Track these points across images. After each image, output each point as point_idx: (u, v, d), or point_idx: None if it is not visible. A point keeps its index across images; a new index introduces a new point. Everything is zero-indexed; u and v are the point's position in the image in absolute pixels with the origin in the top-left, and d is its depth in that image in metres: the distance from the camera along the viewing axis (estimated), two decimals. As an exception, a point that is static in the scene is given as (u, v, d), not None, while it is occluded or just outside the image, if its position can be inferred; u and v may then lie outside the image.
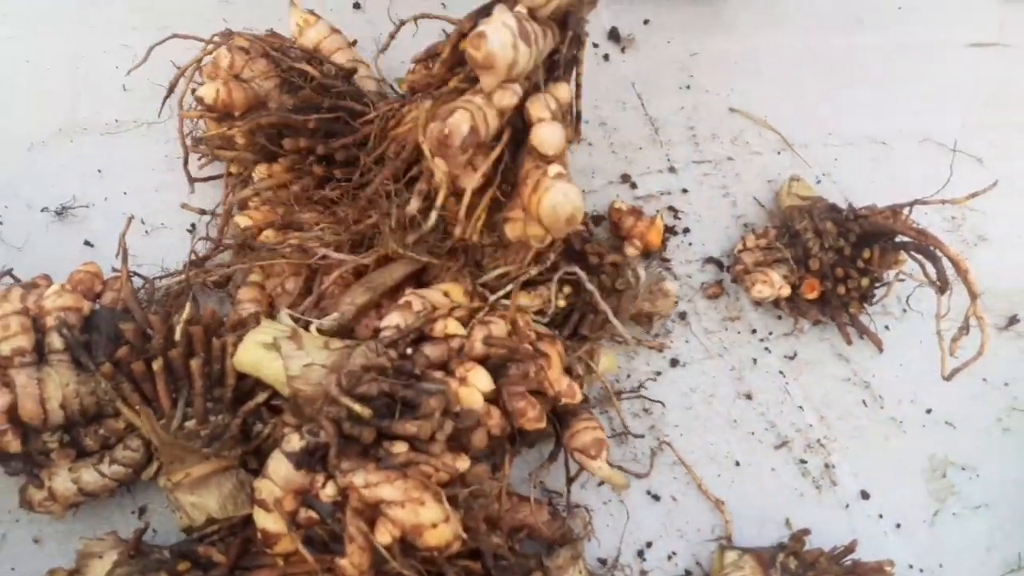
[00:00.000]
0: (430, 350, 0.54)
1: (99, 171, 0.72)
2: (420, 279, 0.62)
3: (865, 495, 0.72)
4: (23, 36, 0.78)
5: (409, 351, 0.54)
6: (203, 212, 0.67)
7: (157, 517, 0.60)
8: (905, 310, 0.79)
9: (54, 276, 0.61)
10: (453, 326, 0.55)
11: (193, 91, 0.65)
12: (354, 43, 0.85)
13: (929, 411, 0.76)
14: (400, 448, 0.50)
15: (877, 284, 0.75)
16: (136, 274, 0.64)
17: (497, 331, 0.56)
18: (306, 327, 0.54)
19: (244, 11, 0.83)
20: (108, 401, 0.53)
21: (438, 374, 0.53)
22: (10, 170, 0.71)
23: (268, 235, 0.62)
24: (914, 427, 0.75)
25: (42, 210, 0.69)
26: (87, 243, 0.68)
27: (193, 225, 0.70)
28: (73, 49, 0.78)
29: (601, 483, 0.67)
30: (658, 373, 0.73)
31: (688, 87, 0.93)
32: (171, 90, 0.68)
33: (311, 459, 0.50)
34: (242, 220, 0.63)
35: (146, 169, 0.73)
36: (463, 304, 0.57)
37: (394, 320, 0.55)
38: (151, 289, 0.62)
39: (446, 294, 0.57)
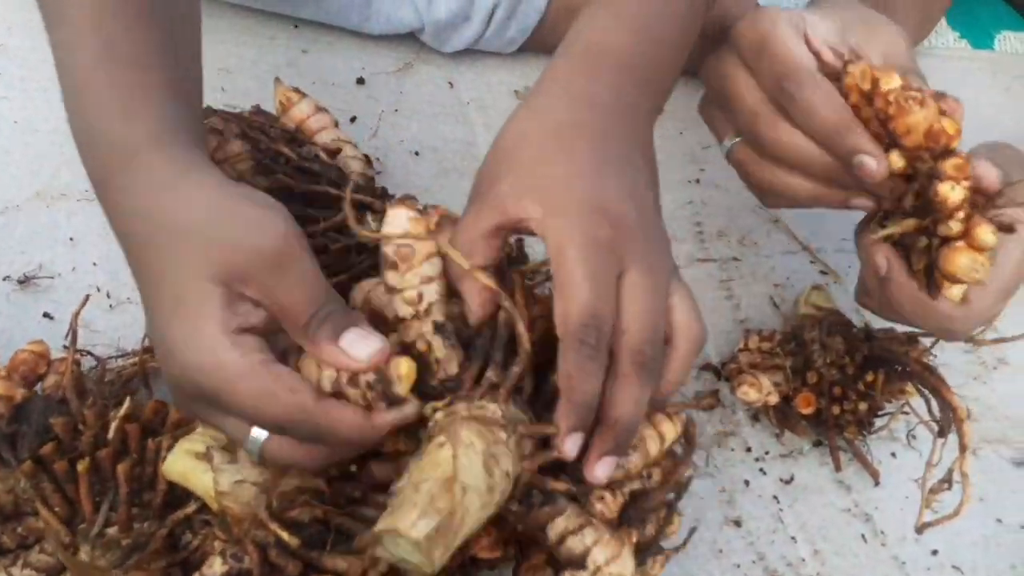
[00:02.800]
0: (377, 468, 0.49)
1: (71, 239, 0.70)
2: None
3: (860, 642, 0.65)
4: (15, 97, 0.77)
5: (354, 469, 0.50)
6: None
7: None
8: (915, 436, 0.73)
9: (9, 349, 0.58)
10: (408, 442, 0.51)
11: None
12: (353, 119, 0.83)
13: (935, 552, 0.69)
14: (328, 584, 0.46)
15: (878, 412, 0.69)
16: (90, 353, 0.61)
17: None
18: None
19: (244, 80, 0.82)
20: (27, 500, 0.49)
21: (382, 499, 0.48)
22: (-20, 234, 0.69)
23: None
24: (918, 569, 0.69)
25: (4, 278, 0.66)
26: (47, 315, 0.65)
27: (161, 302, 0.67)
28: (62, 113, 0.76)
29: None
30: (640, 490, 0.68)
31: (698, 181, 0.90)
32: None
33: (233, 587, 0.46)
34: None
35: (120, 240, 0.71)
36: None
37: (341, 434, 0.51)
38: (102, 372, 0.59)
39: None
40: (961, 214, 0.53)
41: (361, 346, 0.43)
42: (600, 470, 0.45)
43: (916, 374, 0.67)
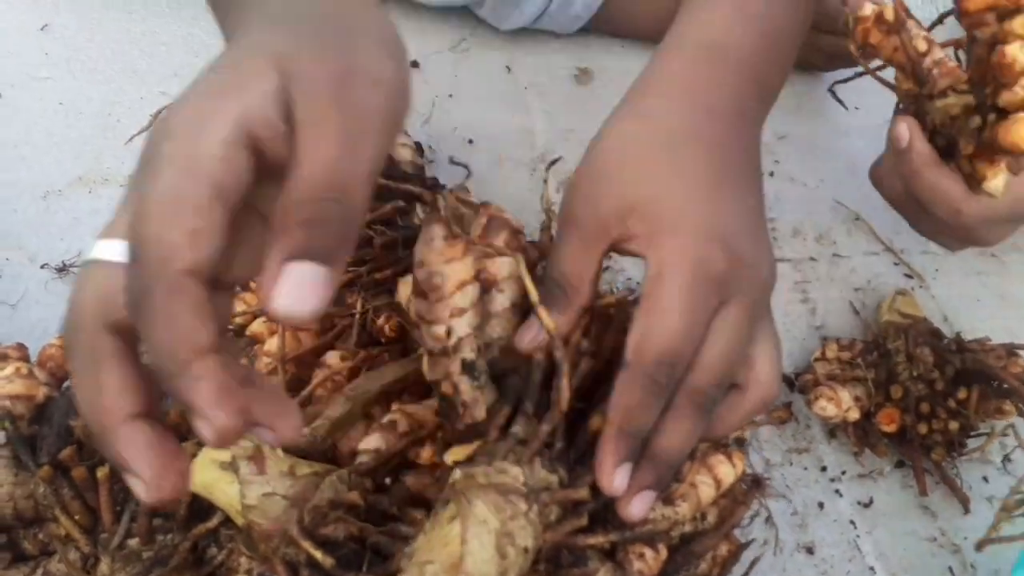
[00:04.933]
0: (413, 481, 0.45)
1: (112, 226, 0.67)
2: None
3: None
4: (60, 78, 0.75)
5: (388, 480, 0.46)
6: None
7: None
8: (1010, 460, 0.67)
9: (46, 341, 0.55)
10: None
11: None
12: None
13: (1032, 590, 0.63)
14: (363, 609, 0.42)
15: (971, 432, 0.63)
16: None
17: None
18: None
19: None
20: (47, 506, 0.46)
21: (418, 514, 0.44)
22: (20, 218, 0.66)
23: (259, 324, 0.55)
24: (1012, 608, 0.62)
25: (42, 266, 0.64)
26: (83, 306, 0.63)
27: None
28: (109, 95, 0.74)
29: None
30: (703, 510, 0.63)
31: (772, 173, 0.83)
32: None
33: (260, 608, 0.43)
34: (239, 305, 0.56)
35: (161, 228, 0.68)
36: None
37: (373, 443, 0.47)
38: (135, 368, 0.56)
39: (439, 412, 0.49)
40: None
41: (294, 292, 0.29)
42: (637, 507, 0.40)
43: (1015, 390, 0.61)
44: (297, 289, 0.29)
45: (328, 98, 0.31)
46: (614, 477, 0.39)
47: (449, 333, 0.41)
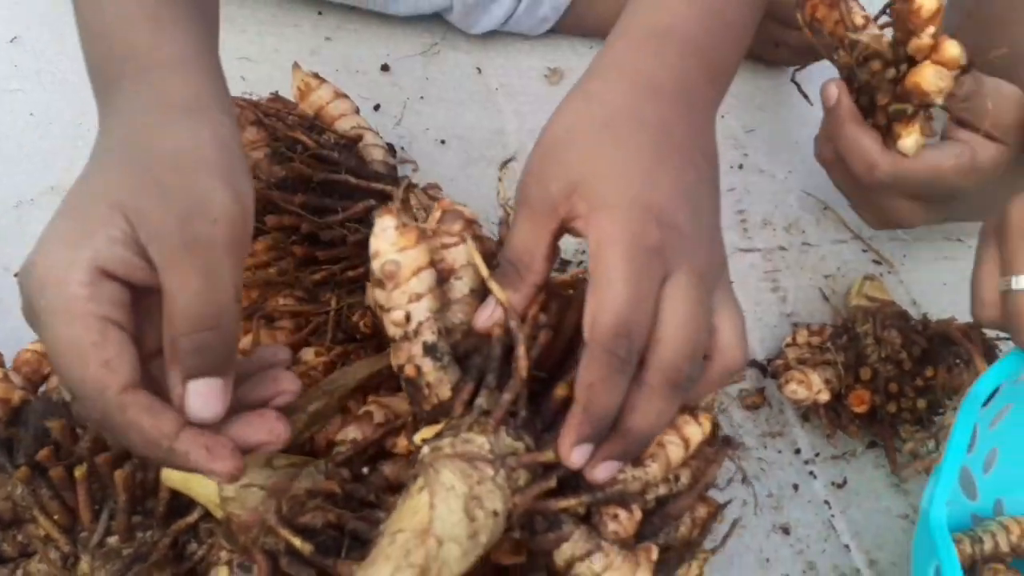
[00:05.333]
0: (390, 469, 0.46)
1: (86, 235, 0.67)
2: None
3: (921, 661, 0.60)
4: (30, 90, 0.75)
5: (365, 470, 0.46)
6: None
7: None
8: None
9: (18, 348, 0.55)
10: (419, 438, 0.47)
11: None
12: (377, 107, 0.80)
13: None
14: (343, 593, 0.42)
15: (940, 410, 0.64)
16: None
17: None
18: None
19: (266, 69, 0.79)
20: (25, 507, 0.46)
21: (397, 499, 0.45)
22: (-6, 229, 0.67)
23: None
24: (985, 581, 0.63)
25: (15, 275, 0.64)
26: (59, 313, 0.63)
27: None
28: (79, 105, 0.75)
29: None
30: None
31: (741, 166, 0.85)
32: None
33: (241, 598, 0.43)
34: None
35: (136, 234, 0.68)
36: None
37: (350, 434, 0.47)
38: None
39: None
40: (932, 28, 0.53)
41: (200, 403, 0.38)
42: (601, 472, 0.41)
43: (969, 351, 0.62)
44: (202, 399, 0.38)
45: (176, 241, 0.37)
46: (572, 453, 0.40)
47: (408, 318, 0.41)
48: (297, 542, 0.42)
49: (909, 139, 0.57)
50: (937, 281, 0.79)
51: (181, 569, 0.48)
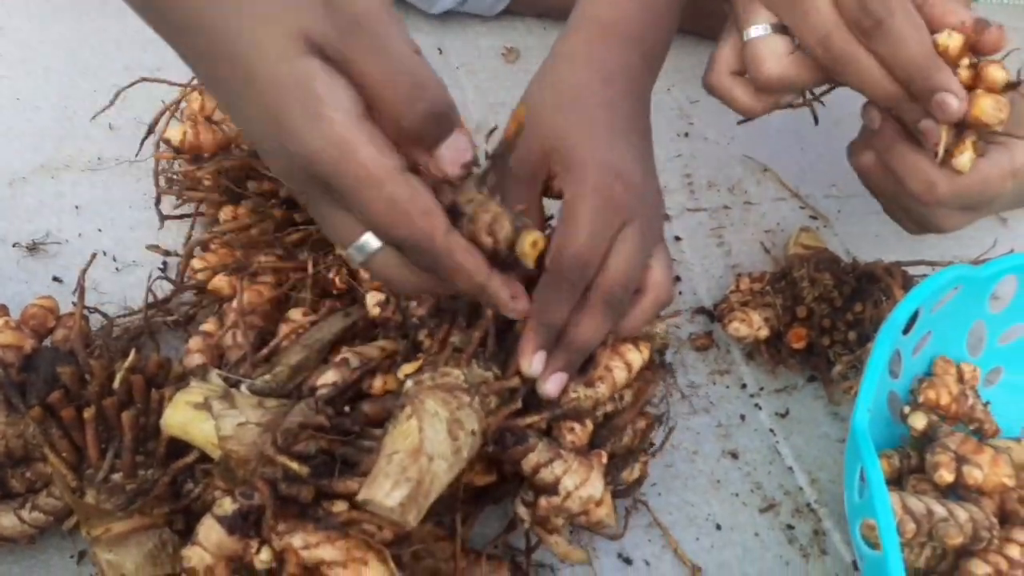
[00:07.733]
0: (368, 407, 0.51)
1: (76, 207, 0.72)
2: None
3: (857, 566, 0.67)
4: (16, 76, 0.79)
5: (347, 409, 0.52)
6: (167, 253, 0.66)
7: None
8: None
9: (18, 313, 0.60)
10: (392, 381, 0.53)
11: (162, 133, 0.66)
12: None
13: (929, 477, 0.71)
14: (340, 507, 0.48)
15: (867, 340, 0.70)
16: (98, 311, 0.63)
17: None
18: (237, 386, 0.52)
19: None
20: (36, 445, 0.51)
21: (378, 431, 0.50)
22: (-12, 206, 0.71)
23: (219, 280, 0.61)
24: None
25: (13, 245, 0.68)
26: (56, 279, 0.68)
27: (164, 263, 0.69)
28: (64, 89, 0.79)
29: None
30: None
31: (687, 135, 0.91)
32: (151, 130, 0.69)
33: (244, 524, 0.48)
34: (196, 262, 0.62)
35: (123, 207, 0.73)
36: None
37: (330, 378, 0.53)
38: (110, 328, 0.61)
39: (383, 348, 0.55)
40: (966, 61, 0.54)
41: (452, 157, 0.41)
42: (551, 385, 0.50)
43: (888, 284, 0.69)
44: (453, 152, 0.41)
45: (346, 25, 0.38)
46: (532, 360, 0.49)
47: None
48: (294, 466, 0.48)
49: (963, 156, 0.56)
50: (869, 233, 0.86)
51: (179, 505, 0.52)
